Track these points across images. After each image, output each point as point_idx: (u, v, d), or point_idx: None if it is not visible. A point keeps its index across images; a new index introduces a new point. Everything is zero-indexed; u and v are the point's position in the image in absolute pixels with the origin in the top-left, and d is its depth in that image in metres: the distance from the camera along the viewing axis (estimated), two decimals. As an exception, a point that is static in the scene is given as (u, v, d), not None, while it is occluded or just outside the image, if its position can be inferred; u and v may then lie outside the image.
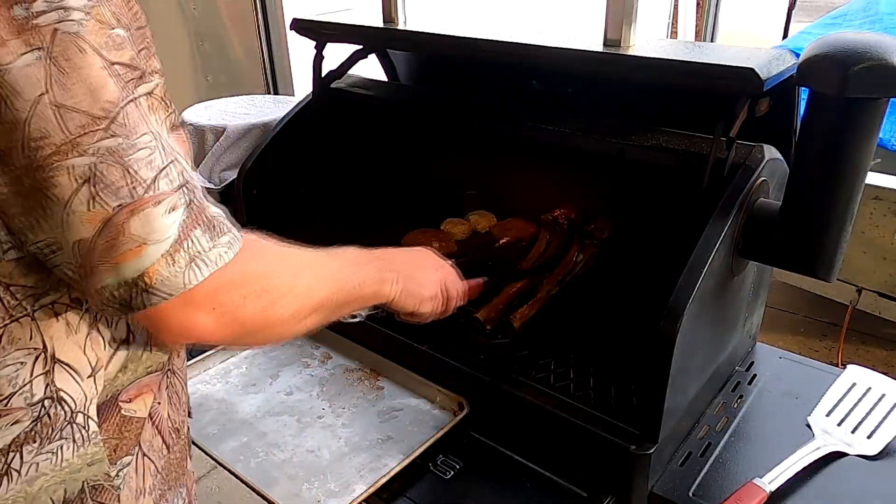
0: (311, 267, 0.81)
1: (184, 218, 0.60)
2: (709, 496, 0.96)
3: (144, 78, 0.60)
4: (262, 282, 0.68)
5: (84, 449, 0.68)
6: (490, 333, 1.15)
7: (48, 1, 0.53)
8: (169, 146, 0.60)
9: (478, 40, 1.17)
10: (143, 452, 0.75)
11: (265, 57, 2.54)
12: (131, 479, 0.72)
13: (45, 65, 0.52)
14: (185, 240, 0.59)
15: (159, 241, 0.58)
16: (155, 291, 0.59)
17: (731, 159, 0.99)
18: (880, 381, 1.12)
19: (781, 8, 4.33)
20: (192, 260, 0.60)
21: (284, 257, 0.79)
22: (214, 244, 0.62)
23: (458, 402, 1.13)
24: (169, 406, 0.79)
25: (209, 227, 0.62)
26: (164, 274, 0.59)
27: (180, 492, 0.81)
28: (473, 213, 1.59)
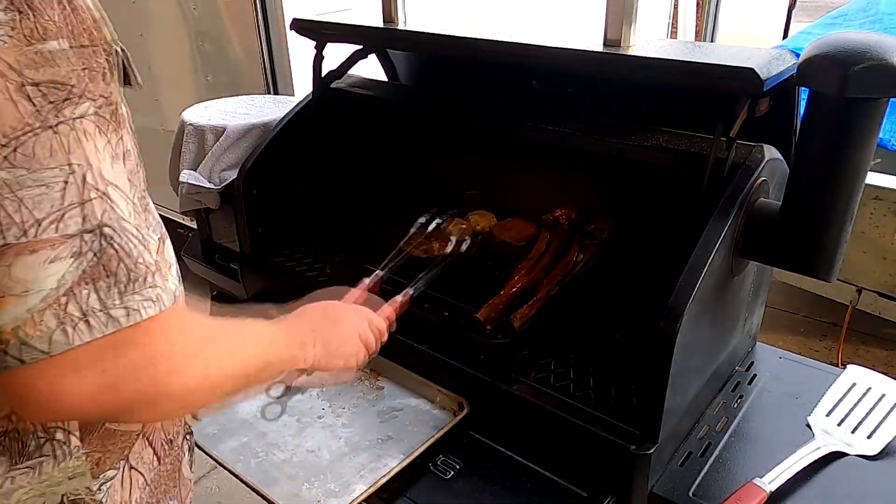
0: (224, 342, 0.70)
1: (70, 271, 0.51)
2: (709, 496, 0.96)
3: (79, 99, 0.52)
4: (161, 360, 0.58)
5: (65, 463, 0.64)
6: (490, 333, 1.15)
7: None
8: (98, 182, 0.52)
9: (478, 40, 1.17)
10: (131, 465, 0.71)
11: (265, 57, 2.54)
12: (115, 493, 0.69)
13: None
14: (65, 297, 0.51)
15: (25, 293, 0.50)
16: (29, 347, 0.51)
17: (731, 159, 0.99)
18: (880, 381, 1.12)
19: (781, 8, 4.33)
20: (90, 314, 0.52)
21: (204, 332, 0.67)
22: (108, 306, 0.53)
23: (458, 402, 1.13)
24: None
25: (108, 285, 0.53)
26: (27, 334, 0.50)
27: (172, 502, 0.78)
28: (473, 213, 1.58)
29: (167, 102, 2.84)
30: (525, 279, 1.25)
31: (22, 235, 0.49)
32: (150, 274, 0.56)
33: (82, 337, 0.52)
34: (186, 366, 0.61)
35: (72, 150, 0.51)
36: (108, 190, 0.53)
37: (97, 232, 0.52)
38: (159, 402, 0.60)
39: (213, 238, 1.66)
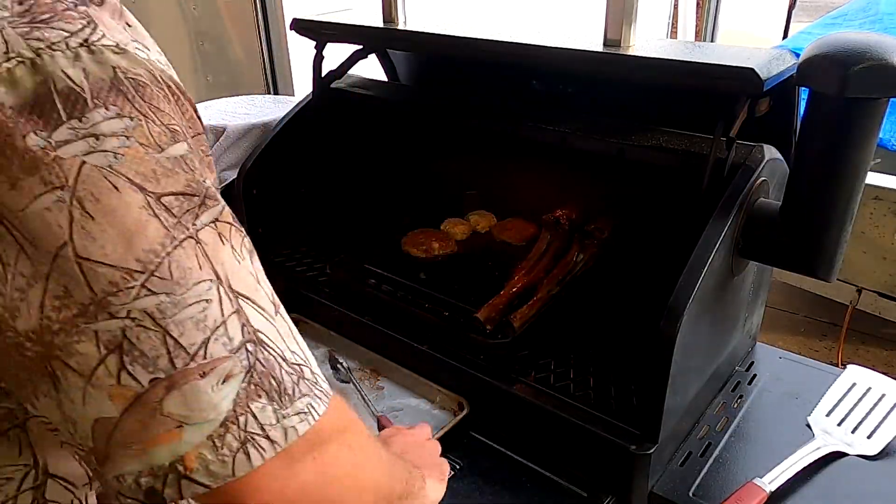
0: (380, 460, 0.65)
1: (242, 387, 0.47)
2: (709, 496, 0.96)
3: (210, 200, 0.49)
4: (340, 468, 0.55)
5: None
6: (490, 333, 1.15)
7: (74, 127, 0.42)
8: (241, 286, 0.49)
9: (478, 40, 1.17)
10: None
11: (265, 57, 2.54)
12: None
13: (67, 208, 0.42)
14: (243, 415, 0.47)
15: (204, 420, 0.46)
16: (194, 480, 0.47)
17: (731, 159, 0.99)
18: (880, 381, 1.12)
19: (781, 8, 4.33)
20: (249, 440, 0.48)
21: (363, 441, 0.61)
22: (283, 415, 0.49)
23: (458, 402, 1.13)
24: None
25: (278, 392, 0.49)
26: (209, 459, 0.46)
27: None
28: (473, 213, 1.59)
29: (167, 102, 2.84)
30: (525, 279, 1.25)
31: (190, 360, 0.45)
32: (307, 370, 0.53)
33: (265, 454, 0.48)
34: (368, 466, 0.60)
35: (215, 258, 0.47)
36: (252, 294, 0.50)
37: (255, 340, 0.49)
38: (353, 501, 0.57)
39: (213, 238, 1.66)
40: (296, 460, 0.50)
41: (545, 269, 1.27)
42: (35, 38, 0.42)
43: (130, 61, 0.46)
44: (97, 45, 0.44)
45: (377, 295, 1.31)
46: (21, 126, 0.41)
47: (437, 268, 1.41)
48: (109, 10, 0.48)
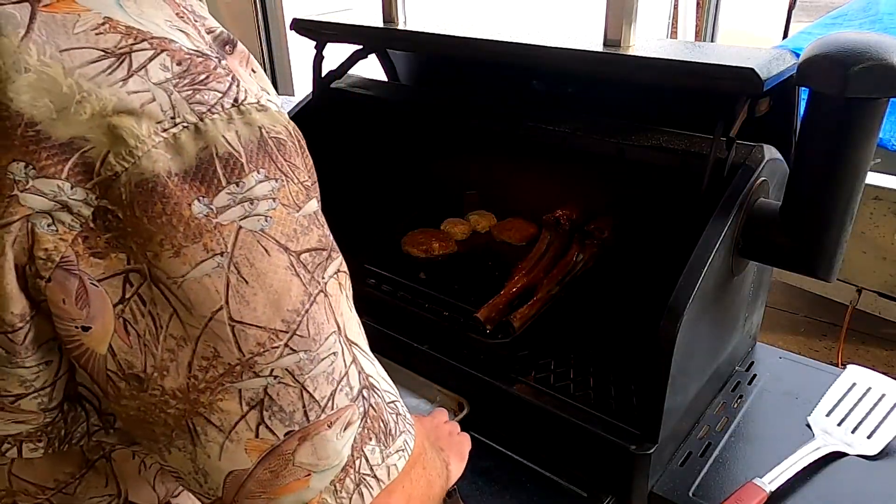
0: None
1: (358, 432, 0.50)
2: (709, 496, 0.96)
3: (332, 255, 0.49)
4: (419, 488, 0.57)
5: None
6: (490, 333, 1.15)
7: (232, 193, 0.42)
8: (353, 334, 0.52)
9: (478, 40, 1.17)
10: None
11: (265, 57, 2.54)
12: None
13: (225, 274, 0.42)
14: (358, 458, 0.50)
15: (329, 467, 0.48)
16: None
17: (731, 159, 0.99)
18: (880, 381, 1.12)
19: (781, 8, 4.33)
20: (362, 482, 0.50)
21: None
22: (387, 454, 0.52)
23: (458, 402, 1.13)
24: None
25: (384, 433, 0.52)
26: (329, 502, 0.49)
27: None
28: (473, 213, 1.59)
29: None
30: (525, 279, 1.25)
31: (321, 412, 0.47)
32: (400, 405, 0.57)
33: (373, 493, 0.51)
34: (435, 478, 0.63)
35: (336, 309, 0.49)
36: (360, 341, 0.53)
37: (368, 385, 0.52)
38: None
39: (213, 238, 1.66)
40: (392, 492, 0.52)
41: (545, 269, 1.27)
42: (197, 101, 0.42)
43: (271, 119, 0.46)
44: (245, 106, 0.44)
45: (377, 295, 1.31)
46: (186, 193, 0.41)
47: (437, 268, 1.41)
48: (239, 58, 0.48)
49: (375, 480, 0.51)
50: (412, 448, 0.55)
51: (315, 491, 0.48)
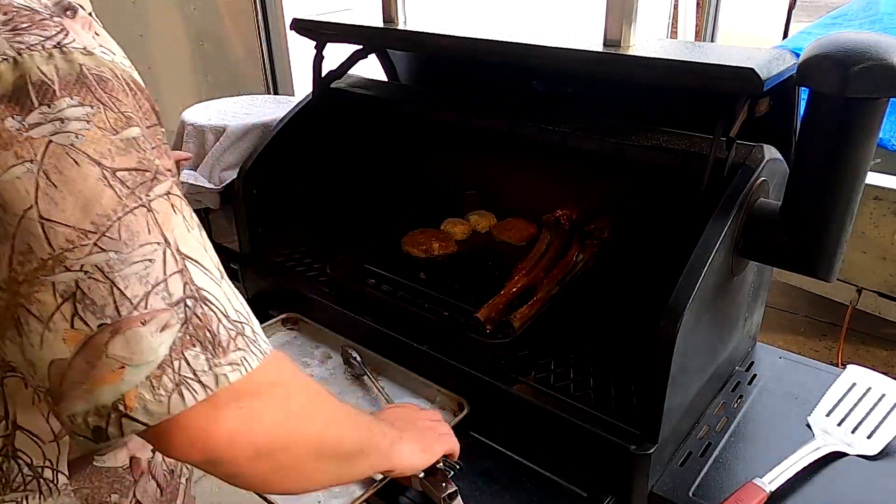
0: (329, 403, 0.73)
1: (178, 336, 0.54)
2: (709, 496, 0.96)
3: (162, 176, 0.57)
4: (269, 419, 0.61)
5: (52, 499, 0.67)
6: (490, 333, 1.15)
7: (44, 113, 0.51)
8: (184, 251, 0.56)
9: (478, 40, 1.17)
10: (137, 499, 0.76)
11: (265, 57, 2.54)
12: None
13: (35, 178, 0.50)
14: (177, 360, 0.54)
15: (143, 362, 0.53)
16: (131, 420, 0.54)
17: (731, 159, 0.99)
18: (880, 381, 1.12)
19: (781, 8, 4.33)
20: (182, 383, 0.54)
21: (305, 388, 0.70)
22: (215, 364, 0.56)
23: (458, 402, 1.13)
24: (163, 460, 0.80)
25: (211, 343, 0.56)
26: (146, 398, 0.53)
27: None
28: (473, 213, 1.59)
29: (167, 102, 2.84)
30: (525, 279, 1.25)
31: (133, 309, 0.53)
32: (248, 328, 0.60)
33: (197, 396, 0.55)
34: (304, 419, 0.66)
35: (165, 224, 0.55)
36: (199, 257, 0.57)
37: (197, 297, 0.56)
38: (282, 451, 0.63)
39: (213, 238, 1.66)
40: (222, 406, 0.57)
41: (545, 270, 1.27)
42: (18, 41, 0.52)
43: (96, 61, 0.55)
44: (68, 48, 0.53)
45: (377, 295, 1.31)
46: (2, 111, 0.50)
47: (437, 268, 1.41)
48: (81, 22, 0.56)
49: (200, 385, 0.55)
50: (251, 368, 0.58)
51: (130, 384, 0.53)
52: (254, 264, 1.48)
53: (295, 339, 1.36)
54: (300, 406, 0.66)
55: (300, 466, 0.67)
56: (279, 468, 0.64)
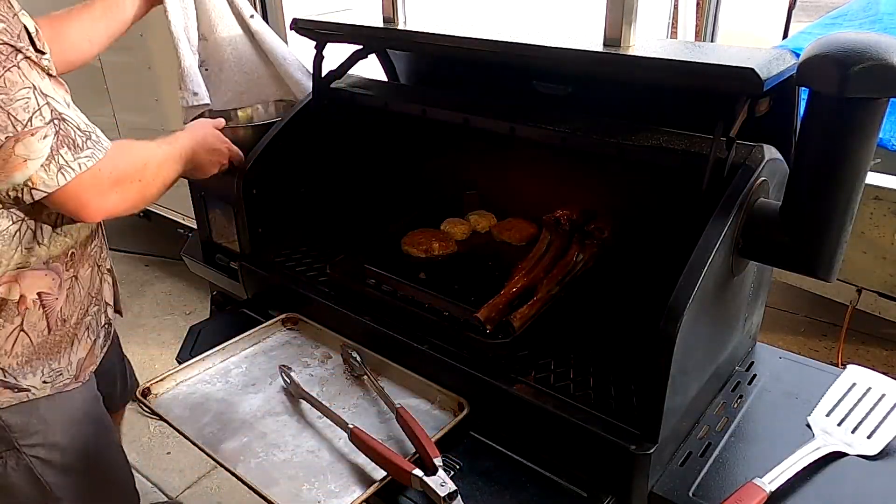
0: (152, 151, 1.17)
1: (53, 142, 0.97)
2: (709, 496, 0.96)
3: (22, 51, 0.95)
4: (117, 172, 1.06)
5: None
6: (490, 333, 1.15)
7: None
8: (45, 92, 0.97)
9: (478, 40, 1.18)
10: (23, 329, 1.12)
11: (265, 57, 2.54)
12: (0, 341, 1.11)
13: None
14: (56, 155, 0.98)
15: (37, 158, 0.96)
16: (37, 190, 0.99)
17: (731, 159, 0.99)
18: (880, 381, 1.12)
19: (781, 8, 4.33)
20: (62, 168, 0.98)
21: (133, 150, 1.14)
22: (77, 156, 1.00)
23: (458, 402, 1.13)
24: (66, 303, 1.18)
25: (73, 145, 0.99)
26: (43, 178, 0.98)
27: (50, 363, 1.18)
28: (473, 213, 1.59)
29: (167, 102, 2.84)
30: (525, 279, 1.25)
31: (24, 126, 0.95)
32: (94, 135, 1.03)
33: (70, 175, 1.00)
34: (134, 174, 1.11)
35: (30, 76, 0.96)
36: (53, 95, 0.99)
37: (59, 118, 0.99)
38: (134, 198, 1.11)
39: (213, 238, 1.66)
40: (87, 180, 1.01)
41: (545, 269, 1.27)
42: None
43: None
44: None
45: (377, 295, 1.31)
46: None
47: (437, 268, 1.41)
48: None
49: (70, 169, 0.99)
50: (98, 158, 1.02)
51: (32, 170, 0.97)
52: (254, 264, 1.48)
53: (295, 339, 1.36)
54: (133, 165, 1.10)
55: (146, 188, 1.13)
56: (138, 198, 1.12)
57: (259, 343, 1.35)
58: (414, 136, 1.64)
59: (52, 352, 1.16)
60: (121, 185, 1.07)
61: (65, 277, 1.16)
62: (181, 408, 1.18)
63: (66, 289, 1.16)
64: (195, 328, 1.44)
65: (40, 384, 1.15)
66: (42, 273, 1.12)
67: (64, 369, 1.18)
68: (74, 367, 1.20)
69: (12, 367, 1.11)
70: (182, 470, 2.32)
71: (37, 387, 1.15)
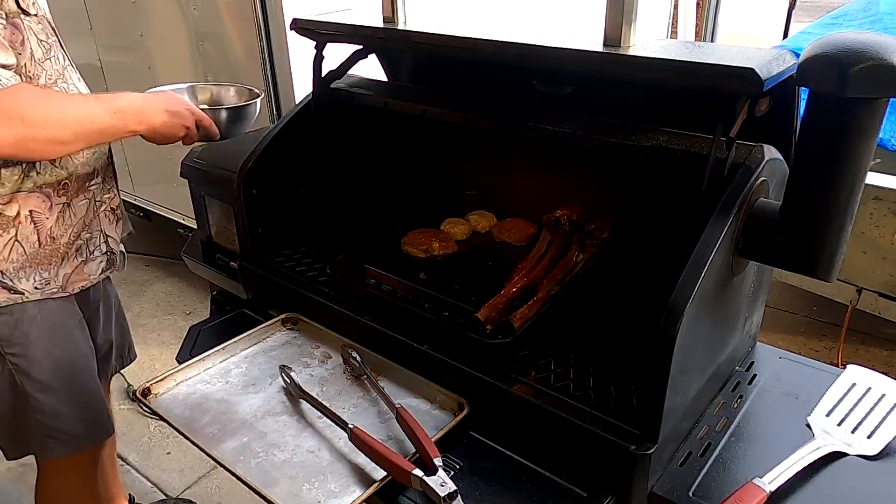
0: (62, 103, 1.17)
1: None
2: (709, 496, 0.96)
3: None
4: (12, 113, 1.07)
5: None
6: (490, 333, 1.15)
7: None
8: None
9: (478, 40, 1.17)
10: (17, 239, 1.26)
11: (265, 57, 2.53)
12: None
13: None
14: None
15: None
16: None
17: (731, 159, 0.99)
18: (880, 381, 1.12)
19: (781, 8, 4.33)
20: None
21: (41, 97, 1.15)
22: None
23: (458, 402, 1.13)
24: (56, 223, 1.31)
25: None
26: None
27: (41, 272, 1.31)
28: (473, 213, 1.59)
29: (167, 102, 2.83)
30: (525, 279, 1.25)
31: None
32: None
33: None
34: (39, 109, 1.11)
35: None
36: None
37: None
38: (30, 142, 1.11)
39: (213, 238, 1.66)
40: None
41: (545, 270, 1.27)
42: None
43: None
44: None
45: (377, 295, 1.31)
46: None
47: (437, 268, 1.41)
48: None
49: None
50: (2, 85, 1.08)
51: None
52: (254, 264, 1.48)
53: (295, 339, 1.36)
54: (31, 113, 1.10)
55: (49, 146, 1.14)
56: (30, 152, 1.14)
57: (259, 343, 1.35)
58: (414, 136, 1.64)
59: (42, 262, 1.30)
60: None
61: (55, 202, 1.29)
62: (181, 408, 1.18)
63: (56, 212, 1.30)
64: (195, 328, 1.44)
65: (32, 289, 1.30)
66: (35, 195, 1.26)
67: (52, 279, 1.32)
68: (61, 280, 1.34)
69: (9, 271, 1.26)
70: (182, 470, 2.32)
71: (29, 291, 1.29)
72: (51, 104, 1.14)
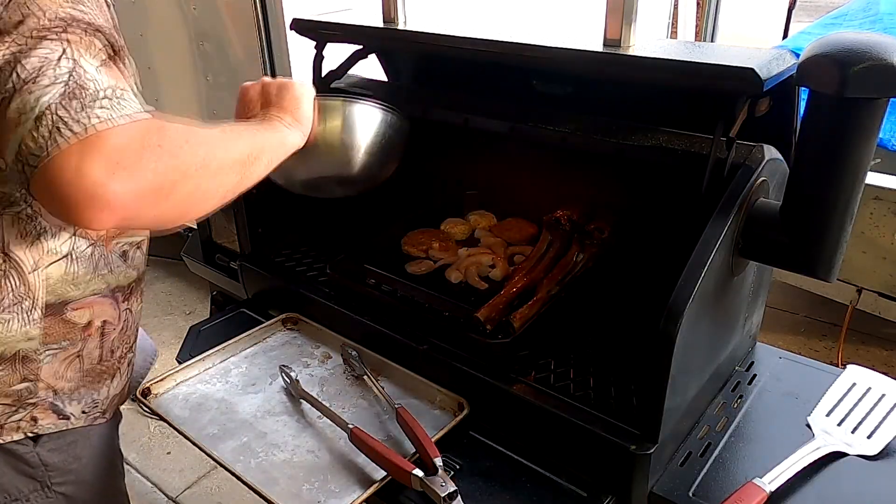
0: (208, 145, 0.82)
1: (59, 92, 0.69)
2: (709, 496, 0.96)
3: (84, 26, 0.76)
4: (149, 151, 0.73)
5: (27, 328, 0.93)
6: (490, 333, 1.15)
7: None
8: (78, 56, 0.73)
9: (478, 40, 1.17)
10: (80, 353, 1.02)
11: (265, 57, 2.53)
12: (55, 363, 0.99)
13: None
14: (57, 109, 0.68)
15: (30, 112, 0.68)
16: (28, 165, 0.69)
17: (731, 159, 0.99)
18: (880, 381, 1.12)
19: (781, 8, 4.33)
20: (54, 130, 0.68)
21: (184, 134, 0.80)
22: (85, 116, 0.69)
23: (458, 402, 1.13)
24: (118, 334, 1.07)
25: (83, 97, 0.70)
26: (30, 146, 0.68)
27: (91, 394, 1.06)
28: (473, 213, 1.58)
29: (167, 102, 2.84)
30: (525, 279, 1.25)
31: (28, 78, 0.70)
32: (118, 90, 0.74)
33: (68, 140, 0.67)
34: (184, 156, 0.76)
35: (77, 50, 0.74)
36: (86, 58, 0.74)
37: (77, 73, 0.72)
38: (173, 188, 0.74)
39: (213, 238, 1.66)
40: (88, 153, 0.68)
41: (545, 270, 1.27)
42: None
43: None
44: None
45: (377, 295, 1.31)
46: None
47: (437, 267, 1.40)
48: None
49: (71, 132, 0.68)
50: (118, 123, 0.70)
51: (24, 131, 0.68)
52: (254, 264, 1.48)
53: (295, 339, 1.36)
54: (175, 147, 0.75)
55: (198, 191, 0.78)
56: (178, 202, 0.76)
57: (259, 343, 1.35)
58: (414, 135, 1.64)
59: (95, 381, 1.07)
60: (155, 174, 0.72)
61: (122, 309, 1.07)
62: (181, 408, 1.18)
63: (122, 320, 1.08)
64: (195, 328, 1.44)
65: (79, 413, 1.06)
66: (109, 301, 1.03)
67: (101, 402, 1.09)
68: (107, 402, 1.11)
69: (64, 391, 1.03)
70: (182, 470, 2.32)
71: (76, 415, 1.06)
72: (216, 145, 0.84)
